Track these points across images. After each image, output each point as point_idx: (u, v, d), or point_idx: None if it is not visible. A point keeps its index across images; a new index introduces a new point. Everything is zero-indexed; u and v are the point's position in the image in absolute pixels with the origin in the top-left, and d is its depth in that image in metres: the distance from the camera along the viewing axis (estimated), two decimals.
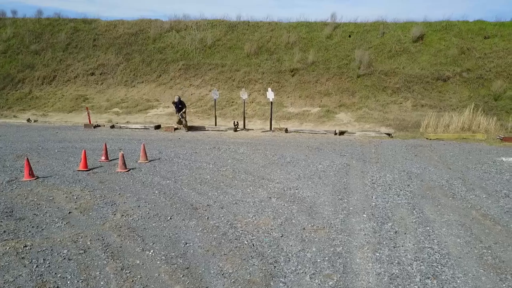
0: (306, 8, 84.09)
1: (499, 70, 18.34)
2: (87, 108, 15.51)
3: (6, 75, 21.35)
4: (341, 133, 13.02)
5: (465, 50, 19.89)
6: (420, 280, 3.39)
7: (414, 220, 4.85)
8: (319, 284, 3.31)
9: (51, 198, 5.59)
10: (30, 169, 6.69)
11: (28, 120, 15.85)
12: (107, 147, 8.55)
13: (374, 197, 5.82)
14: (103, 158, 8.24)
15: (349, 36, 21.86)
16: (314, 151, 9.64)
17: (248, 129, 14.01)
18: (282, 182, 6.64)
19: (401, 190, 6.18)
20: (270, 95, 13.43)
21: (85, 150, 7.61)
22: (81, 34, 23.49)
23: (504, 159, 9.00)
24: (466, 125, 13.72)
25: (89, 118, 14.27)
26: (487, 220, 4.91)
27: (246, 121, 14.94)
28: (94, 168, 7.52)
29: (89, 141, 10.87)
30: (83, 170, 7.31)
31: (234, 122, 14.08)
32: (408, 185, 6.48)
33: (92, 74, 21.21)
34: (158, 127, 14.29)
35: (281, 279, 3.38)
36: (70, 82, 21.03)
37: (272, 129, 13.63)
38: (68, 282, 3.29)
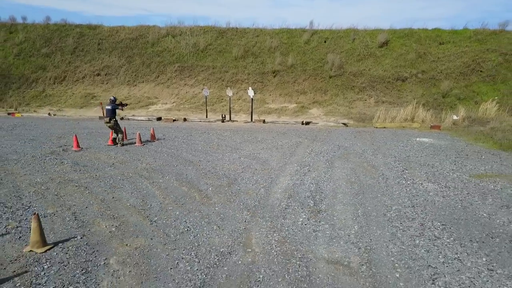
0: (301, 8, 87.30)
1: (449, 72, 21.61)
2: (101, 103, 18.47)
3: (21, 76, 24.11)
4: (307, 123, 16.18)
5: (422, 54, 23.15)
6: (308, 185, 6.53)
7: (324, 167, 8.00)
8: (256, 186, 6.43)
9: (97, 158, 8.64)
10: (77, 142, 9.73)
11: (49, 114, 18.75)
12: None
13: (306, 157, 8.97)
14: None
15: (325, 42, 25.03)
16: (280, 135, 12.78)
17: (233, 121, 17.11)
18: (250, 151, 9.76)
19: (327, 154, 9.34)
20: (251, 93, 16.53)
21: (112, 131, 10.65)
22: (87, 38, 26.29)
23: (418, 139, 12.21)
24: (409, 116, 16.98)
25: (103, 112, 17.23)
26: (369, 167, 8.07)
27: (232, 115, 18.05)
28: (118, 143, 10.55)
29: (106, 128, 13.85)
30: (111, 145, 10.34)
31: (222, 115, 17.17)
32: (334, 152, 9.65)
33: (98, 74, 24.10)
34: (159, 118, 17.30)
35: (236, 185, 6.49)
36: (79, 82, 23.90)
37: (253, 120, 16.73)
38: (127, 186, 6.36)
